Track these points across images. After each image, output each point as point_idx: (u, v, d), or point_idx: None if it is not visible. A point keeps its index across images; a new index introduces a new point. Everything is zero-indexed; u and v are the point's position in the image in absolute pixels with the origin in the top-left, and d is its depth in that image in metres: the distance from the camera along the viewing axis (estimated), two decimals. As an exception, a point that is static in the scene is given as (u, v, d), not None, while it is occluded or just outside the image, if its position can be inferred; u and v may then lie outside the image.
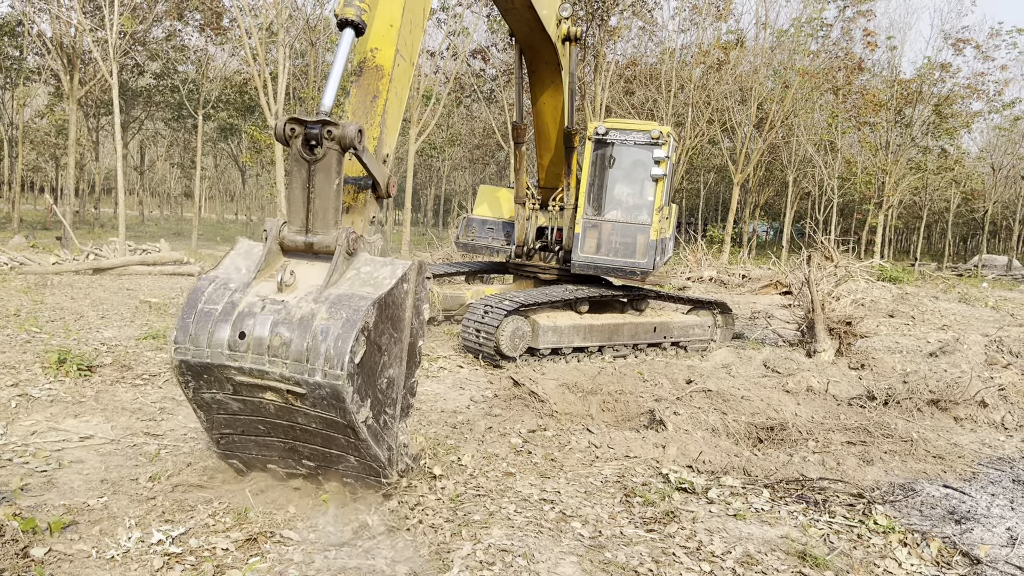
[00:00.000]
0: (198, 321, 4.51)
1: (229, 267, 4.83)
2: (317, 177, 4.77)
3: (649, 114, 33.40)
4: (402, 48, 5.72)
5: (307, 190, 4.79)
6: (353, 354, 4.30)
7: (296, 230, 4.84)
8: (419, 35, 6.10)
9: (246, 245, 5.02)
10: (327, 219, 4.80)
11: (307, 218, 4.82)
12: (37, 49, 29.75)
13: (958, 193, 46.94)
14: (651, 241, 11.08)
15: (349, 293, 4.54)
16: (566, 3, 10.51)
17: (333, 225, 4.81)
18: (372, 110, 5.52)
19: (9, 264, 16.13)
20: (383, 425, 4.84)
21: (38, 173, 62.34)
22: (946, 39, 37.39)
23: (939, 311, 19.44)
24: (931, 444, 7.23)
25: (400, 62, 5.71)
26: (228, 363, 4.45)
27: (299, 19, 27.58)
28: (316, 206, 4.80)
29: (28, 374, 7.87)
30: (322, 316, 4.40)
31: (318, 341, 4.32)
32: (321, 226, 4.80)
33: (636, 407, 7.96)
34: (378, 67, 5.61)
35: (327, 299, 4.49)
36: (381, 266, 4.77)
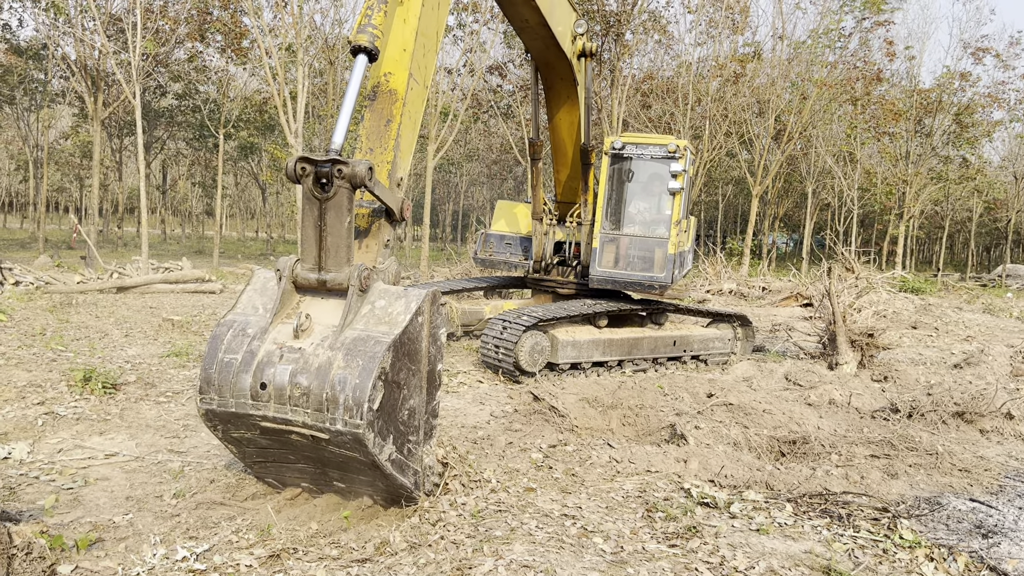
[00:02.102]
0: (220, 371, 4.63)
1: (247, 306, 4.93)
2: (329, 215, 4.81)
3: (666, 127, 33.40)
4: (415, 72, 5.78)
5: (319, 228, 4.83)
6: (371, 402, 4.38)
7: (309, 267, 4.88)
8: (433, 59, 6.17)
9: (261, 279, 5.08)
10: (339, 257, 4.84)
11: (320, 256, 4.86)
12: (62, 72, 30.26)
13: (980, 203, 46.50)
14: (669, 255, 11.07)
15: (364, 335, 4.59)
16: (580, 20, 10.58)
17: (346, 262, 4.85)
18: (386, 134, 5.57)
19: (35, 283, 16.35)
20: (407, 454, 4.91)
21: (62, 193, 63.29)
22: (965, 48, 37.21)
23: (963, 322, 19.23)
24: (957, 457, 7.15)
25: (414, 85, 5.77)
26: (252, 412, 4.58)
27: (318, 39, 27.90)
28: (328, 244, 4.84)
29: (54, 392, 7.97)
30: (339, 364, 4.47)
31: (336, 391, 4.40)
32: (334, 264, 4.84)
33: (657, 421, 7.93)
34: (392, 91, 5.67)
35: (343, 344, 4.55)
36: (395, 299, 4.79)
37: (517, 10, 9.12)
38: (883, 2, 32.24)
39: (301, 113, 22.62)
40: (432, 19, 6.09)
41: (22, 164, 48.18)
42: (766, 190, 37.13)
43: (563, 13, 10.01)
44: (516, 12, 9.19)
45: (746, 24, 34.09)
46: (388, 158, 5.51)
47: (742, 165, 37.28)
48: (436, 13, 6.18)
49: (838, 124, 37.54)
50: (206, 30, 28.69)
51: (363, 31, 5.27)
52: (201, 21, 27.93)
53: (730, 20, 32.97)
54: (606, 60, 30.71)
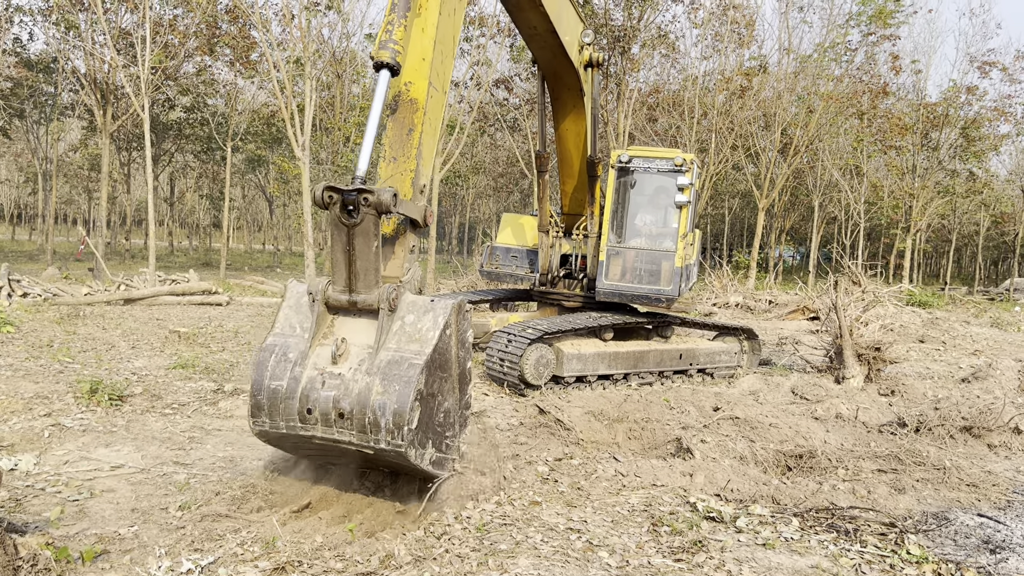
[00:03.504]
0: (268, 398, 4.97)
1: (284, 326, 5.22)
2: (357, 240, 5.00)
3: (672, 141, 33.45)
4: (434, 80, 5.90)
5: (348, 252, 5.04)
6: (410, 423, 4.75)
7: (340, 289, 5.12)
8: (450, 64, 6.27)
9: (295, 295, 5.34)
10: (368, 279, 5.07)
11: (350, 278, 5.09)
12: (71, 85, 30.48)
13: (988, 216, 46.35)
14: (676, 268, 11.07)
15: (398, 358, 4.89)
16: (587, 30, 10.61)
17: (375, 284, 5.08)
18: (408, 143, 5.68)
19: (43, 295, 16.42)
20: (446, 449, 5.31)
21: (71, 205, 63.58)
22: (972, 62, 37.20)
23: (970, 336, 19.15)
24: (964, 472, 7.12)
25: (433, 93, 5.90)
26: (302, 433, 4.96)
27: (326, 52, 28.06)
28: (358, 267, 5.06)
29: (61, 404, 8.00)
30: (377, 390, 4.80)
31: (377, 416, 4.75)
32: (363, 286, 5.08)
33: (663, 435, 7.91)
34: (412, 100, 5.76)
35: (379, 369, 4.86)
36: (423, 314, 5.07)
37: (526, 16, 9.16)
38: (889, 16, 32.28)
39: (308, 126, 22.72)
40: (449, 25, 6.15)
41: (31, 176, 48.45)
42: (772, 203, 37.08)
43: (571, 22, 10.05)
44: (525, 18, 9.23)
45: (752, 38, 34.17)
46: (411, 167, 5.65)
47: (748, 178, 37.28)
48: (452, 19, 6.23)
49: (844, 137, 37.53)
50: (215, 44, 28.89)
51: (385, 47, 5.36)
52: (210, 35, 28.13)
53: (736, 34, 33.06)
54: (613, 74, 30.81)
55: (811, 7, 34.16)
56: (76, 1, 25.51)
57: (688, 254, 11.75)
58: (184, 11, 27.29)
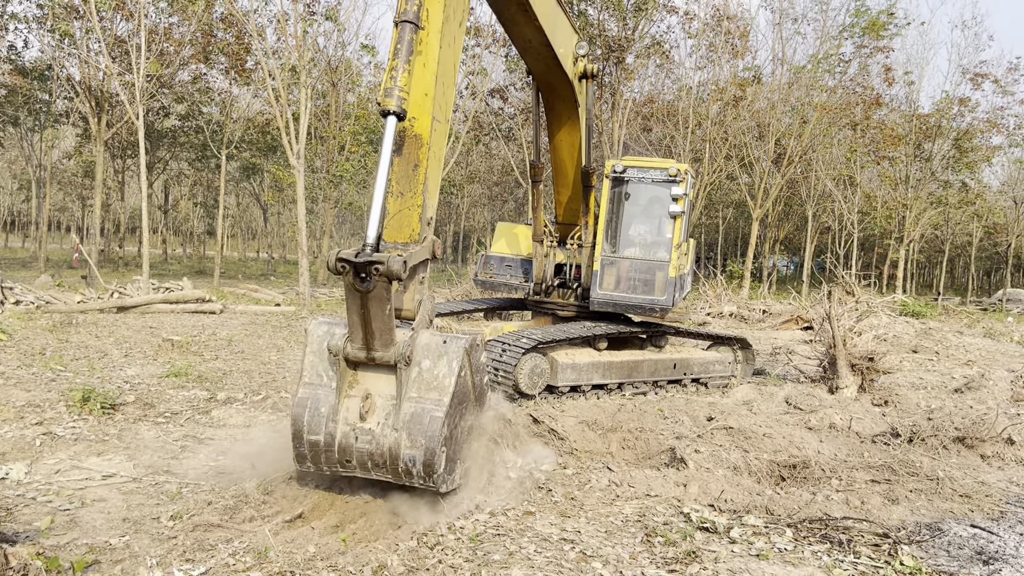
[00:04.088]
0: (310, 449, 5.56)
1: (312, 376, 5.69)
2: (371, 304, 5.27)
3: (667, 150, 33.56)
4: (437, 113, 5.98)
5: (363, 315, 5.33)
6: (438, 466, 5.31)
7: (358, 347, 5.48)
8: (452, 93, 6.38)
9: (317, 341, 5.74)
10: (384, 339, 5.42)
11: (366, 338, 5.43)
12: (66, 93, 30.43)
13: (980, 227, 46.55)
14: (670, 278, 11.09)
15: (420, 410, 5.38)
16: (582, 41, 10.64)
17: (391, 343, 5.43)
18: (415, 178, 5.83)
19: (36, 303, 16.36)
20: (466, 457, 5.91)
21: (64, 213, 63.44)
22: (964, 74, 37.44)
23: (963, 346, 19.20)
24: (957, 482, 7.12)
25: (436, 127, 5.99)
26: (343, 473, 5.64)
27: (321, 61, 28.11)
28: (373, 328, 5.37)
29: (53, 412, 7.96)
30: (405, 445, 5.33)
31: (409, 466, 5.33)
32: (380, 345, 5.43)
33: (656, 445, 7.91)
34: (417, 136, 5.87)
35: (404, 424, 5.36)
36: (438, 359, 5.47)
37: (520, 30, 9.18)
38: (882, 28, 32.48)
39: (303, 134, 22.73)
40: (449, 55, 6.19)
41: (25, 184, 48.34)
42: (766, 213, 37.22)
43: (565, 35, 10.07)
44: (519, 32, 9.25)
45: (746, 48, 34.35)
46: (418, 202, 5.81)
47: (742, 188, 37.39)
48: (453, 49, 6.26)
49: (838, 148, 37.70)
50: (210, 52, 28.91)
51: (390, 95, 5.45)
52: (205, 43, 28.15)
53: (730, 45, 33.22)
54: (607, 84, 30.91)
55: (805, 19, 34.34)
56: (71, 9, 25.51)
57: (682, 264, 11.77)
58: (180, 19, 27.31)
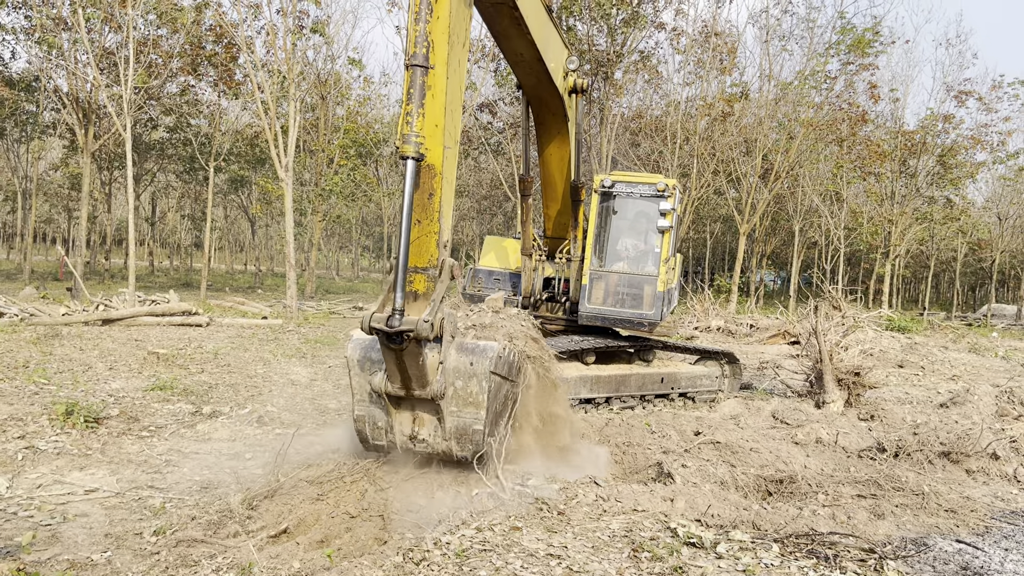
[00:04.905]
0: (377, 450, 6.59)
1: (362, 393, 6.41)
2: (407, 359, 5.84)
3: (655, 165, 33.73)
4: (448, 141, 6.14)
5: (399, 366, 5.92)
6: (486, 457, 6.24)
7: (398, 387, 6.09)
8: (459, 116, 6.54)
9: (356, 363, 6.40)
10: (421, 382, 6.01)
11: (404, 382, 6.05)
12: (53, 104, 30.34)
13: (965, 243, 46.97)
14: (658, 292, 11.11)
15: (463, 424, 6.17)
16: (572, 56, 10.69)
17: (426, 384, 6.02)
18: (430, 207, 6.10)
19: (19, 315, 16.23)
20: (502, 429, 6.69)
21: (50, 224, 63.11)
22: (948, 91, 37.83)
23: (949, 361, 19.31)
24: (943, 497, 7.15)
25: (448, 154, 6.15)
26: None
27: (310, 74, 28.14)
28: (410, 374, 5.96)
29: (35, 426, 7.88)
30: (456, 450, 6.26)
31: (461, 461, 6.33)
32: (417, 387, 6.03)
33: (644, 459, 7.90)
34: (430, 166, 6.04)
35: (451, 435, 6.21)
36: (469, 379, 6.13)
37: (512, 44, 9.22)
38: (868, 46, 32.82)
39: (292, 147, 22.72)
40: (456, 80, 6.26)
41: (11, 195, 48.04)
42: (754, 228, 37.42)
43: (556, 49, 10.12)
44: (512, 46, 9.29)
45: (733, 64, 34.61)
46: (434, 229, 6.09)
47: (730, 203, 37.59)
48: (458, 73, 6.33)
49: (824, 164, 37.99)
50: (199, 64, 28.88)
51: (408, 141, 5.70)
52: (194, 55, 28.12)
53: (718, 60, 33.47)
54: (596, 99, 31.07)
55: (792, 36, 34.68)
56: (59, 21, 25.46)
57: (670, 278, 11.80)
58: (168, 31, 27.29)
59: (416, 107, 5.76)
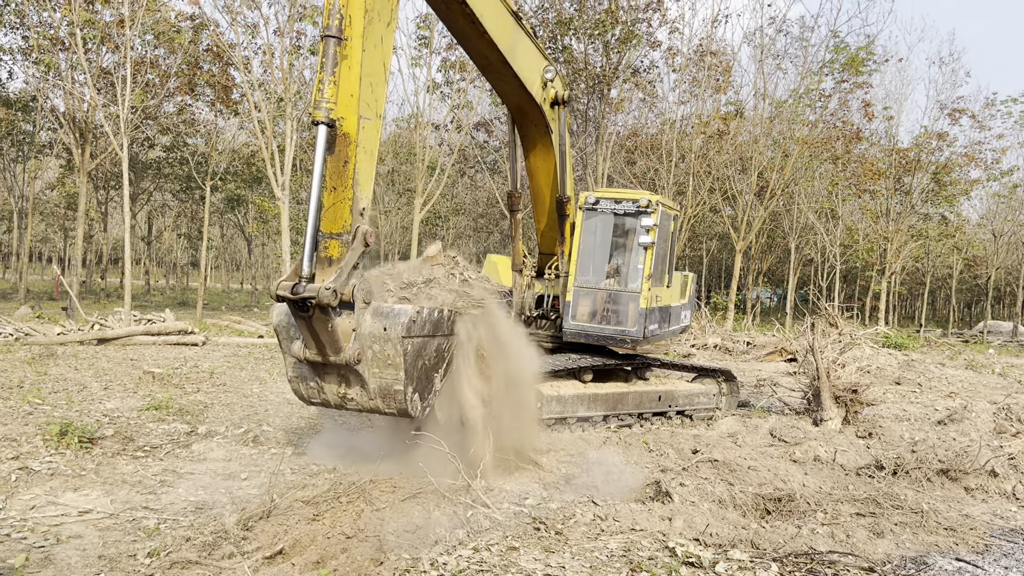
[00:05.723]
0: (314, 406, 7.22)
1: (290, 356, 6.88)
2: (316, 326, 6.26)
3: (651, 183, 33.81)
4: (365, 111, 6.50)
5: (311, 332, 6.34)
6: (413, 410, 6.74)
7: (314, 353, 6.52)
8: (383, 90, 6.85)
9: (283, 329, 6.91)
10: (334, 347, 6.41)
11: (319, 348, 6.45)
12: (50, 124, 30.37)
13: (960, 259, 47.07)
14: (641, 309, 11.01)
15: (384, 384, 6.60)
16: (550, 65, 10.64)
17: (340, 349, 6.41)
18: (344, 174, 6.43)
19: (14, 335, 16.17)
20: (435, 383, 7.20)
21: (46, 244, 63.03)
22: (942, 109, 38.02)
23: (946, 378, 19.31)
24: (942, 515, 7.12)
25: (365, 124, 6.51)
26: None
27: (306, 93, 28.20)
28: (322, 340, 6.37)
29: (29, 447, 7.82)
30: (382, 407, 6.73)
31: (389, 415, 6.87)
32: (332, 352, 6.44)
33: (642, 478, 7.87)
34: (345, 135, 6.41)
35: (376, 395, 6.65)
36: (384, 342, 6.45)
37: (473, 45, 9.20)
38: (861, 64, 33.03)
39: (289, 166, 22.76)
40: (376, 56, 6.64)
41: (6, 215, 48.00)
42: (750, 245, 37.47)
43: (529, 58, 10.05)
44: (473, 48, 9.28)
45: (728, 83, 34.79)
46: (348, 195, 6.41)
47: (726, 221, 37.69)
48: (379, 50, 6.69)
49: (819, 181, 38.13)
50: (196, 83, 28.95)
51: (319, 107, 6.13)
52: (191, 75, 28.21)
53: (713, 79, 33.65)
54: (591, 117, 31.20)
55: (786, 55, 34.89)
56: (56, 41, 25.55)
57: (659, 296, 11.70)
58: (166, 51, 27.38)
59: (328, 76, 6.17)
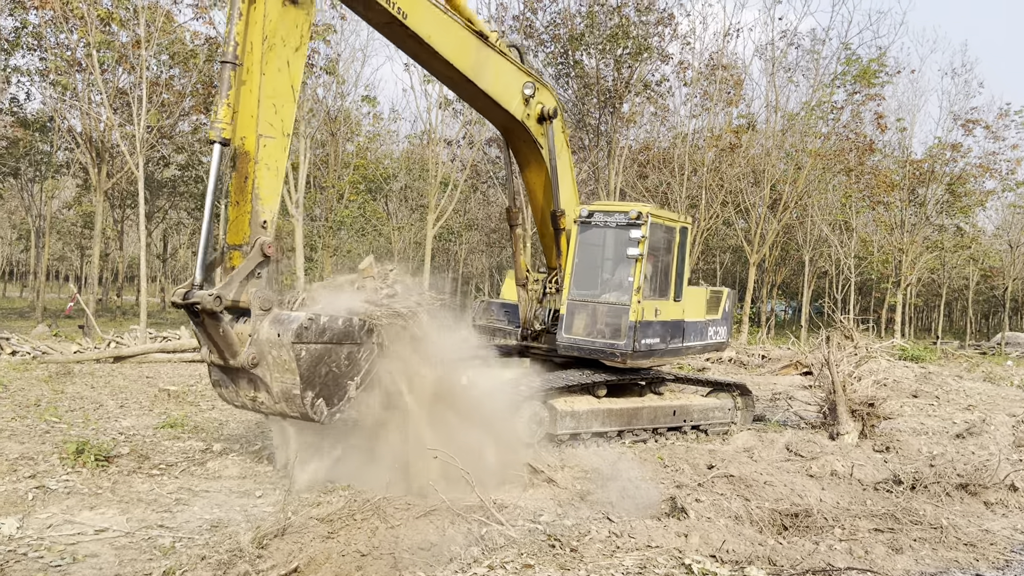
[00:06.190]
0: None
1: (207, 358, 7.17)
2: (209, 331, 6.71)
3: (663, 197, 33.81)
4: (267, 130, 7.03)
5: (206, 336, 6.79)
6: (317, 415, 6.94)
7: (216, 358, 6.95)
8: (289, 110, 7.29)
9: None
10: (231, 350, 6.80)
11: (218, 352, 6.87)
12: (67, 144, 30.70)
13: (977, 270, 46.73)
14: (630, 322, 10.88)
15: (283, 389, 6.81)
16: (529, 81, 10.61)
17: (236, 353, 6.80)
18: (245, 188, 7.00)
19: (32, 353, 16.30)
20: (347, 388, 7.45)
21: (63, 262, 63.56)
22: (955, 120, 37.86)
23: (964, 391, 19.12)
24: (962, 531, 7.04)
25: (267, 142, 7.03)
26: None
27: (320, 111, 28.44)
28: (217, 343, 6.79)
29: (46, 465, 7.87)
30: (287, 410, 6.97)
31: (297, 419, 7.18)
32: (229, 356, 6.83)
33: (657, 494, 7.82)
34: (246, 152, 6.97)
35: (279, 399, 6.89)
36: (279, 348, 6.72)
37: (431, 65, 9.44)
38: (873, 76, 32.99)
39: (303, 183, 22.91)
40: (282, 79, 7.12)
41: (24, 234, 48.50)
42: (763, 258, 37.36)
43: (501, 76, 10.04)
44: (431, 68, 9.51)
45: (740, 96, 34.81)
46: (247, 209, 6.95)
47: (739, 233, 37.61)
48: (284, 74, 7.16)
49: (833, 193, 38.00)
50: (211, 102, 29.22)
51: (212, 128, 6.67)
52: (206, 94, 28.49)
53: (724, 93, 33.67)
54: (603, 131, 31.26)
55: (797, 68, 34.89)
56: (73, 62, 25.88)
57: (657, 309, 11.47)
58: (181, 71, 27.68)
59: (222, 99, 6.71)
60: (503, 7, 29.58)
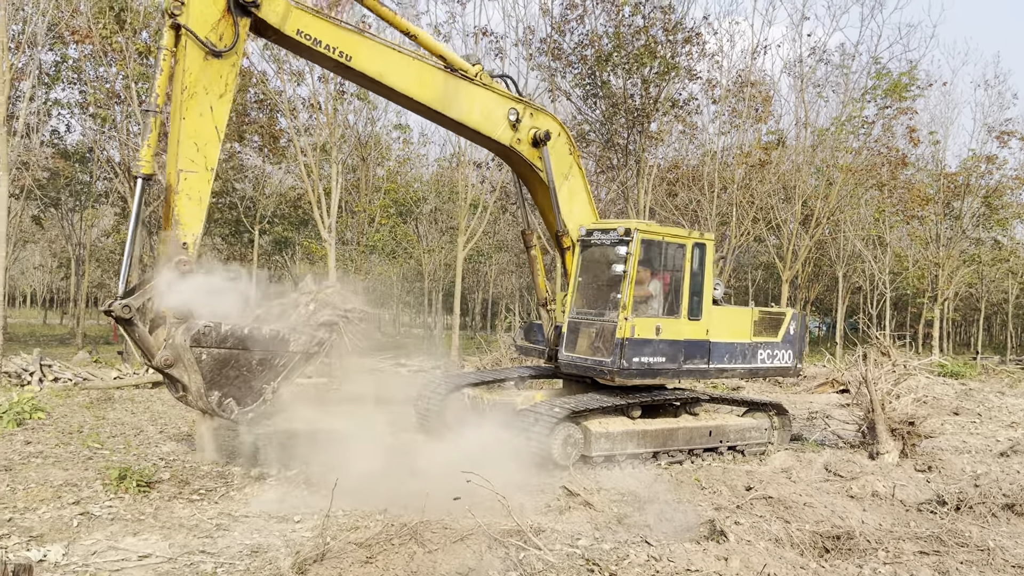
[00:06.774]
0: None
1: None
2: (131, 335, 8.03)
3: (693, 215, 33.67)
4: (188, 166, 8.21)
5: (131, 338, 8.11)
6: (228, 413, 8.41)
7: (144, 359, 8.33)
8: (213, 148, 8.51)
9: None
10: (149, 353, 7.95)
11: (143, 354, 8.21)
12: (106, 174, 31.36)
13: (1016, 284, 45.84)
14: (617, 339, 10.76)
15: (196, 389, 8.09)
16: (514, 106, 10.64)
17: (153, 355, 7.93)
18: (169, 215, 8.26)
19: (73, 380, 16.60)
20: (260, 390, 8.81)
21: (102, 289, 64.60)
22: (990, 132, 37.28)
23: (1006, 407, 18.72)
24: (1010, 553, 6.89)
25: (188, 176, 8.20)
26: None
27: (351, 137, 28.81)
28: (139, 345, 8.09)
29: (89, 491, 8.01)
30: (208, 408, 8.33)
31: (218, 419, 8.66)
32: (149, 357, 7.99)
33: (695, 516, 7.76)
34: (169, 185, 8.22)
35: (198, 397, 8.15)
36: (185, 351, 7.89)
37: (395, 100, 9.91)
38: (904, 90, 32.68)
39: (335, 208, 23.18)
40: (205, 122, 8.31)
41: (64, 262, 49.48)
42: (796, 275, 36.97)
43: (478, 105, 10.12)
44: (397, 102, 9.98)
45: (768, 113, 34.64)
46: (170, 233, 8.16)
47: (771, 250, 37.29)
48: (207, 118, 8.33)
49: (866, 208, 37.58)
50: (244, 132, 29.73)
51: (134, 165, 8.19)
52: (239, 123, 28.98)
53: (753, 110, 33.55)
54: (632, 151, 31.27)
55: (827, 83, 34.66)
56: (112, 95, 26.50)
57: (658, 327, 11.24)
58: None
59: (144, 141, 8.21)
60: (530, 30, 29.79)
